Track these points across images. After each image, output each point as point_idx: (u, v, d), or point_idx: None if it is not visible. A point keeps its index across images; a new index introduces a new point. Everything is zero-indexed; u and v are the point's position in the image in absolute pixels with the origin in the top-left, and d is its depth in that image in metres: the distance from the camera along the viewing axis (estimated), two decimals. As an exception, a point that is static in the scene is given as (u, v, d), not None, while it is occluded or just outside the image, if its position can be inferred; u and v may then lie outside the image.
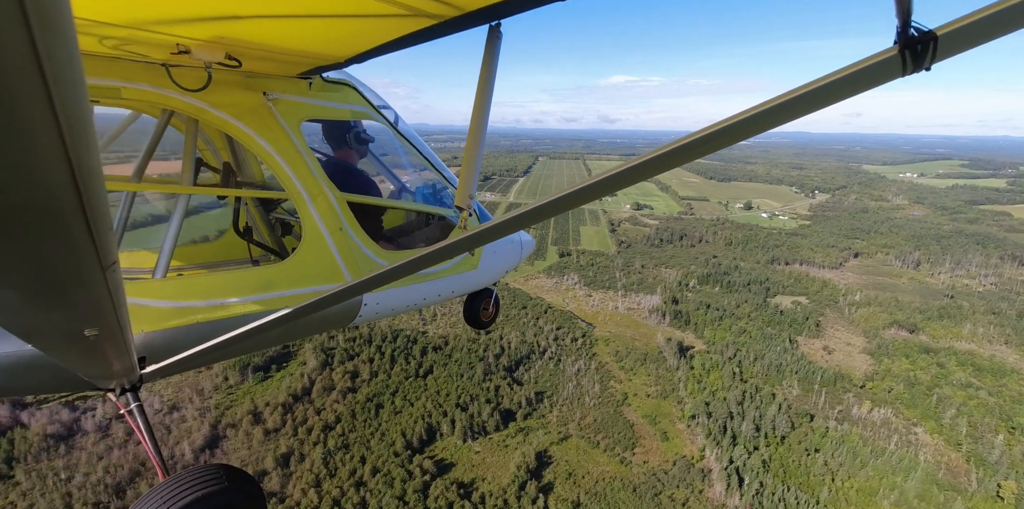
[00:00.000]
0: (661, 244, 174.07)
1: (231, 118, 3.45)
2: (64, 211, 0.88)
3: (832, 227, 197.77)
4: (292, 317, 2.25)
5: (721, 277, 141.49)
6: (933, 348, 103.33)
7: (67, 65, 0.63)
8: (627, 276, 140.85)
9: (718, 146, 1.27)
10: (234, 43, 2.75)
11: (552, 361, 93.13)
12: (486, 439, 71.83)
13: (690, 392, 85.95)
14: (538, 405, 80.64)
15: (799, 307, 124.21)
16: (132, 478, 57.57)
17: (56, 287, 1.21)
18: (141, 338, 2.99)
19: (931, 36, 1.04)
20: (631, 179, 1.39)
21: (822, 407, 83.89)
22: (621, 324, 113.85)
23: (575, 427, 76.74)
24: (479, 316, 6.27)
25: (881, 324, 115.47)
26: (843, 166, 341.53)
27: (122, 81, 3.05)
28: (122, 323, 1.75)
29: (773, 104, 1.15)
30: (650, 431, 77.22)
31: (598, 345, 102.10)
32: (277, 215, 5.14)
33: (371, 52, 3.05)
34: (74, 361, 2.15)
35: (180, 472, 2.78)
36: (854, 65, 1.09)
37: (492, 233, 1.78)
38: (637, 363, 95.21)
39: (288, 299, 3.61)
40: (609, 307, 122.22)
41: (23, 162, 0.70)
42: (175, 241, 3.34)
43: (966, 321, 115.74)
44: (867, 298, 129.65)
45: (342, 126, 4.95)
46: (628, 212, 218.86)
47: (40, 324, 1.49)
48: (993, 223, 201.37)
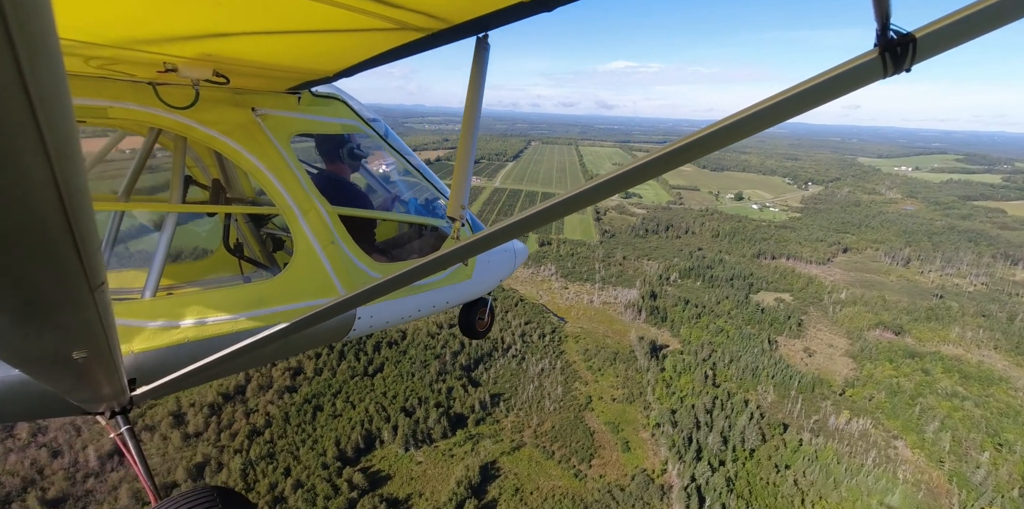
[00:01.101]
0: (646, 234, 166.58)
1: (220, 135, 3.35)
2: (51, 232, 0.86)
3: (823, 220, 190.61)
4: (285, 333, 2.26)
5: (704, 271, 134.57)
6: (919, 352, 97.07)
7: (53, 86, 0.62)
8: (607, 268, 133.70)
9: (706, 151, 1.28)
10: (221, 60, 2.69)
11: (515, 360, 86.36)
12: (431, 448, 65.26)
13: (658, 397, 79.46)
14: (493, 409, 73.99)
15: (782, 305, 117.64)
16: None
17: (43, 309, 1.18)
18: (131, 359, 2.91)
19: (910, 38, 1.04)
20: (621, 185, 1.38)
21: (797, 416, 77.63)
22: (595, 319, 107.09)
23: (530, 435, 70.20)
24: (475, 326, 5.99)
25: (866, 325, 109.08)
26: (838, 158, 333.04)
27: (109, 100, 2.97)
28: (112, 344, 1.71)
29: (758, 108, 1.15)
30: (611, 440, 70.83)
31: (567, 342, 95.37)
32: (268, 230, 4.89)
33: (359, 66, 2.96)
34: (63, 385, 2.10)
35: (173, 495, 2.70)
36: (836, 68, 1.09)
37: (485, 243, 1.81)
38: (606, 363, 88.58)
39: (281, 315, 3.52)
40: (584, 300, 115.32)
41: (8, 183, 0.69)
42: (164, 259, 3.26)
43: (954, 323, 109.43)
44: (853, 296, 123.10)
45: (333, 140, 4.78)
46: (616, 200, 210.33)
47: (27, 347, 1.44)
48: (986, 220, 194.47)
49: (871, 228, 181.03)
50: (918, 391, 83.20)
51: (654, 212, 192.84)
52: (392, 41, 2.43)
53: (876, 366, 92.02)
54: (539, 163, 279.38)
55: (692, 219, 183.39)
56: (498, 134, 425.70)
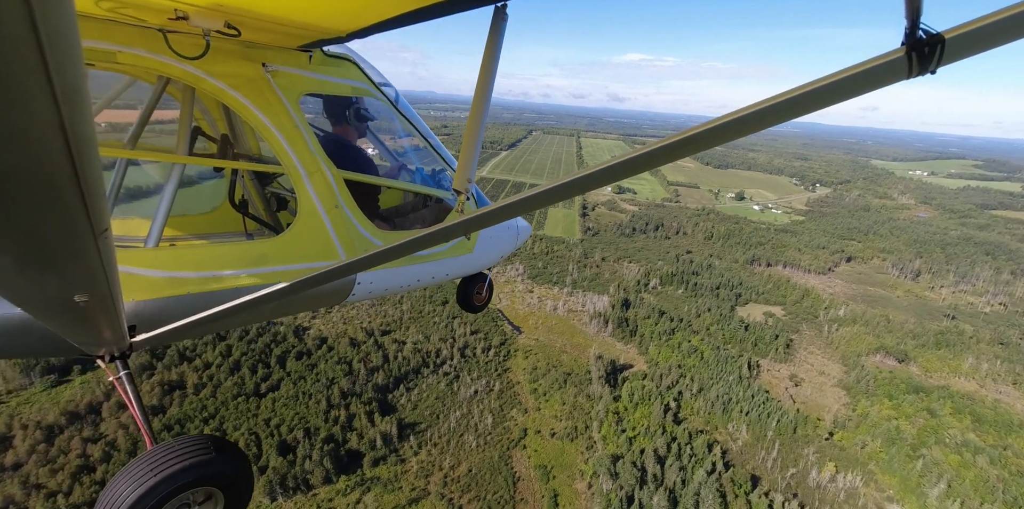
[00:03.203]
0: (633, 234, 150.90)
1: (229, 88, 3.25)
2: (57, 176, 0.85)
3: (827, 225, 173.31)
4: (284, 293, 2.26)
5: (689, 277, 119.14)
6: (924, 387, 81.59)
7: (62, 25, 0.60)
8: (581, 270, 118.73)
9: (719, 141, 1.24)
10: (234, 11, 2.61)
11: (447, 378, 72.24)
12: (306, 496, 51.53)
13: (604, 435, 65.00)
14: (401, 445, 59.99)
15: (770, 320, 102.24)
16: None
17: (47, 252, 1.18)
18: (132, 306, 2.90)
19: (939, 39, 1.00)
20: (631, 169, 1.37)
21: (771, 467, 62.94)
22: (555, 330, 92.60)
23: (439, 481, 56.12)
24: (472, 300, 5.92)
25: (865, 349, 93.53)
26: (850, 159, 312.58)
27: (118, 45, 2.86)
28: (113, 291, 1.72)
29: (777, 101, 1.11)
30: (537, 491, 56.71)
31: (515, 358, 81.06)
32: (273, 189, 4.72)
33: (373, 27, 2.91)
34: (64, 327, 2.13)
35: (168, 441, 2.67)
36: (860, 65, 1.05)
37: (489, 218, 1.80)
38: (554, 386, 74.22)
39: (281, 274, 3.47)
40: (548, 307, 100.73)
41: (16, 124, 0.67)
42: (168, 210, 3.18)
43: (967, 352, 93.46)
44: (853, 314, 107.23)
45: (342, 102, 4.66)
46: (608, 195, 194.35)
47: (30, 289, 1.46)
48: (1006, 231, 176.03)
49: (879, 235, 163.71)
50: (921, 439, 67.99)
51: (646, 209, 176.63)
52: (409, 3, 2.37)
53: (873, 403, 76.75)
54: (534, 153, 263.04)
55: (686, 218, 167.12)
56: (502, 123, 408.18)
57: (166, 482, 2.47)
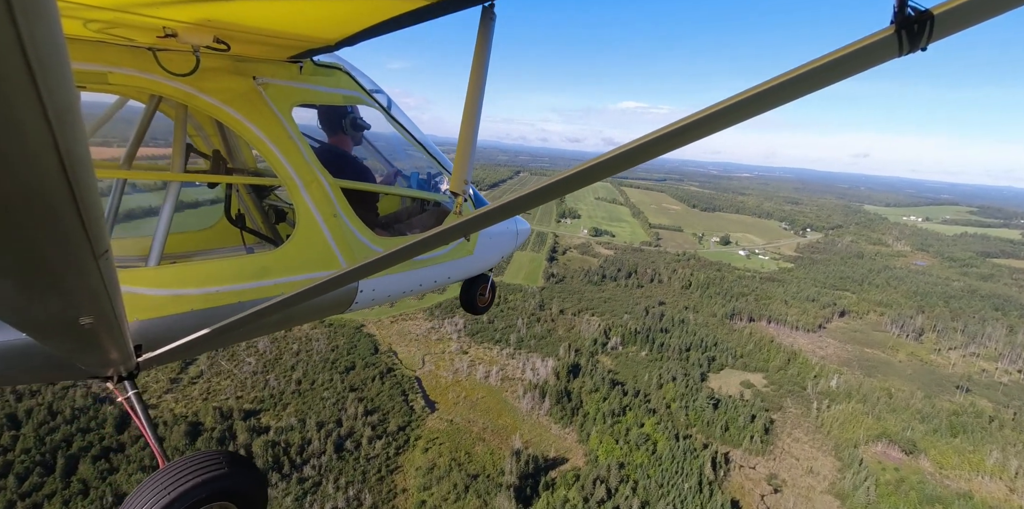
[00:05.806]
0: (602, 281, 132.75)
1: (221, 103, 3.22)
2: (54, 199, 0.84)
3: (818, 273, 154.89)
4: (287, 304, 2.24)
5: (657, 335, 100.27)
6: (941, 495, 61.17)
7: (52, 49, 0.59)
8: (531, 325, 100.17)
9: (721, 126, 1.22)
10: (222, 26, 2.61)
11: (300, 488, 52.62)
12: None
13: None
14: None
15: (748, 393, 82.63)
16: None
17: (49, 276, 1.17)
18: (136, 326, 2.86)
19: (927, 15, 0.99)
20: (629, 162, 1.34)
21: None
22: (478, 406, 73.31)
23: None
24: (475, 302, 5.76)
25: (864, 435, 73.53)
26: (843, 204, 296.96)
27: (108, 66, 2.84)
28: (117, 311, 1.71)
29: (774, 83, 1.09)
30: None
31: (412, 451, 61.54)
32: (270, 202, 4.75)
33: (363, 34, 2.86)
34: (70, 350, 2.12)
35: (179, 458, 2.65)
36: (851, 45, 1.04)
37: (487, 218, 1.77)
38: (451, 497, 54.42)
39: (283, 286, 3.42)
40: (479, 374, 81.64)
41: (10, 149, 0.66)
42: (168, 228, 3.17)
43: (989, 441, 73.18)
44: (848, 386, 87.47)
45: (337, 111, 4.65)
46: (583, 238, 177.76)
47: (35, 313, 1.44)
48: (1012, 282, 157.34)
49: (875, 286, 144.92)
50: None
51: (622, 254, 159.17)
52: (396, 8, 2.34)
53: (876, 523, 56.29)
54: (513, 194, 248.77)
55: (664, 264, 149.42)
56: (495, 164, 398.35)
57: (181, 499, 2.40)
